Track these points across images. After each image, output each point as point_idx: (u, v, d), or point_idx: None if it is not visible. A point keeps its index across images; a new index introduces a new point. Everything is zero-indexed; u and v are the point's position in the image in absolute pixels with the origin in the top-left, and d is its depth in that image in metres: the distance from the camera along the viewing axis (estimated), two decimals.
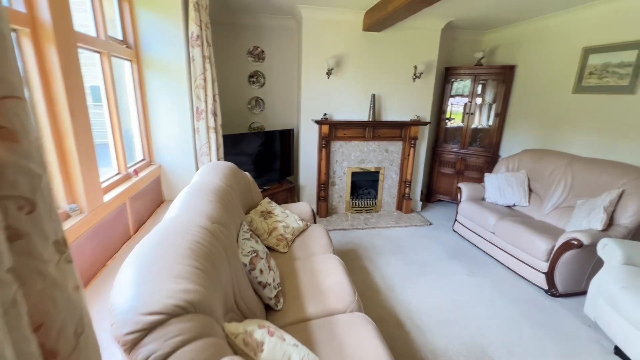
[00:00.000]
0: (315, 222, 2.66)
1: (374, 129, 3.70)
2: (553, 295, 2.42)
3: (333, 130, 3.61)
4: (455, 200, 4.16)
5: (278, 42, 3.67)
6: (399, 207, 4.10)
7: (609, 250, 2.01)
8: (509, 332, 2.04)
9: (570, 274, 2.36)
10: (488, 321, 2.13)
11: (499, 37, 4.02)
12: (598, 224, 2.32)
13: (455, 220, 3.49)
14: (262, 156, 3.57)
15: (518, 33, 3.73)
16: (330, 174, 3.81)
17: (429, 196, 4.45)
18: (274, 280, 1.66)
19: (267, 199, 2.53)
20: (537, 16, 3.36)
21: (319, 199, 3.84)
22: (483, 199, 3.37)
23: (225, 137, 2.98)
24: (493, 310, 2.25)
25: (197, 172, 2.02)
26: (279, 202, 3.49)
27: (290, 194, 3.79)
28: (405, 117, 3.80)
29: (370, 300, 2.32)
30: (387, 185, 4.02)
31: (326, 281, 1.78)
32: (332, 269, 1.89)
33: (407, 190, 3.95)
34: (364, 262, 2.86)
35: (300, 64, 3.52)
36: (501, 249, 2.84)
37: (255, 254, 1.63)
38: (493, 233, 2.91)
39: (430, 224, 3.75)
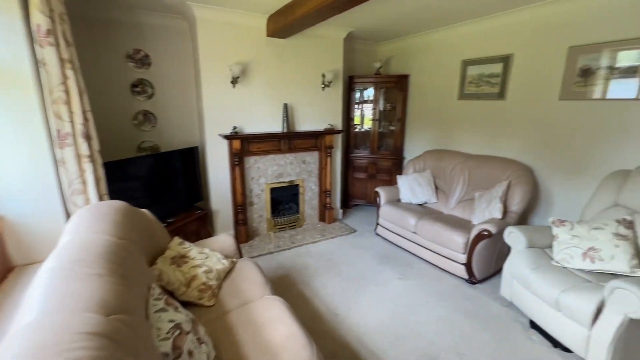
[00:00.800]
0: (241, 256, 2.28)
1: (290, 140, 3.53)
2: (473, 283, 2.65)
3: (245, 145, 3.27)
4: (371, 203, 4.30)
5: (167, 45, 3.12)
6: (322, 218, 4.00)
7: (514, 237, 2.28)
8: (451, 333, 2.10)
9: (483, 261, 2.62)
10: (431, 326, 2.16)
11: (393, 49, 4.34)
12: (498, 213, 2.64)
13: (378, 224, 3.57)
14: (159, 183, 2.93)
15: (409, 45, 4.07)
16: (247, 193, 3.47)
17: (347, 202, 4.50)
18: (208, 357, 1.26)
19: (177, 239, 2.02)
20: (423, 31, 3.73)
21: (236, 222, 3.42)
22: (399, 200, 3.55)
23: (106, 165, 2.25)
24: (431, 312, 2.31)
25: (68, 226, 1.40)
26: (190, 236, 2.93)
27: (202, 223, 3.26)
28: (319, 126, 3.75)
29: (318, 333, 2.08)
30: (308, 197, 3.90)
31: (274, 336, 1.45)
32: (278, 316, 1.57)
33: (327, 200, 3.89)
34: (300, 288, 2.61)
35: (198, 71, 3.06)
36: (424, 247, 3.00)
37: (178, 331, 1.19)
38: (415, 233, 3.06)
39: (355, 231, 3.76)
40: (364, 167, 4.32)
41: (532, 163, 2.94)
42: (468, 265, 2.60)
